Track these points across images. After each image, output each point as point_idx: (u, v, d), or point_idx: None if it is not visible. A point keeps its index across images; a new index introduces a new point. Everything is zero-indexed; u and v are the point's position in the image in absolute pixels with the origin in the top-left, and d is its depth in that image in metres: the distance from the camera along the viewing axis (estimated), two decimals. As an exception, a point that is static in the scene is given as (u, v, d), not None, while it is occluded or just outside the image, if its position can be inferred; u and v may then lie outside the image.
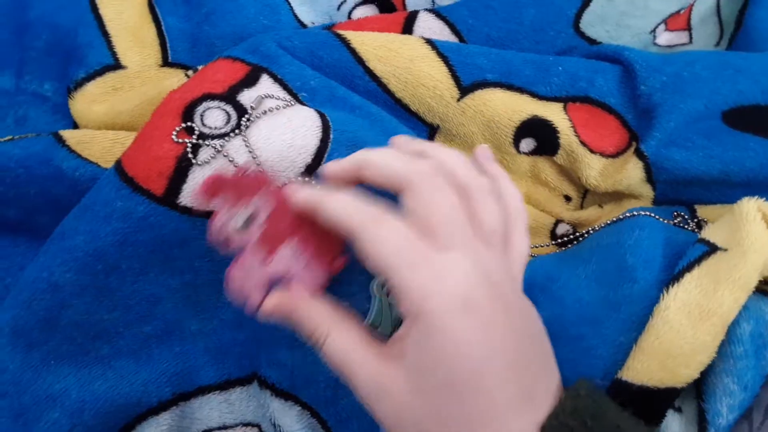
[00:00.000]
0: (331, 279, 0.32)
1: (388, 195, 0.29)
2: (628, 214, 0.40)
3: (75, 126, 0.46)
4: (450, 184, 0.28)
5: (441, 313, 0.25)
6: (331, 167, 0.31)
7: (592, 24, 0.46)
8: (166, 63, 0.48)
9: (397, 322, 0.33)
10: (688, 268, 0.32)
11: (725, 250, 0.33)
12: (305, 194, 0.29)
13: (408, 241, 0.26)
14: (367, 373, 0.26)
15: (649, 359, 0.30)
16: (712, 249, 0.33)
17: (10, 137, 0.41)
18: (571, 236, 0.43)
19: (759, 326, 0.31)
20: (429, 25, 0.46)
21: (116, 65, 0.47)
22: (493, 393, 0.25)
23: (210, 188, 0.32)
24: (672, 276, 0.32)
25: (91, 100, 0.45)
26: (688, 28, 0.48)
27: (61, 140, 0.40)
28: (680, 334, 0.30)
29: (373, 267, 0.26)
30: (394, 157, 0.29)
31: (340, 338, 0.27)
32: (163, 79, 0.45)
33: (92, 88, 0.46)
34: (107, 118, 0.44)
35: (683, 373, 0.30)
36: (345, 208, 0.27)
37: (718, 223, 0.36)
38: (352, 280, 0.34)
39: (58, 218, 0.37)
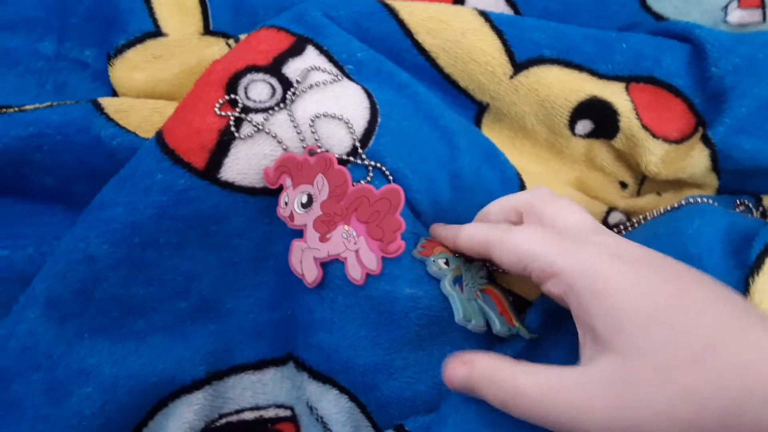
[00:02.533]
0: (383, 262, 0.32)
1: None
2: (684, 202, 0.37)
3: (114, 94, 0.45)
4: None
5: (597, 263, 0.25)
6: (440, 233, 0.33)
7: (658, -2, 0.43)
8: (207, 31, 0.46)
9: (484, 315, 0.31)
10: (766, 251, 0.30)
11: None
12: (445, 230, 0.33)
13: (545, 233, 0.28)
14: (578, 388, 0.24)
15: None
16: (786, 230, 0.31)
17: (49, 104, 0.40)
18: (622, 227, 0.40)
19: None
20: (483, -4, 0.43)
21: (157, 33, 0.45)
22: (706, 319, 0.23)
23: (279, 167, 0.33)
24: (749, 262, 0.29)
25: (131, 68, 0.44)
26: (762, 5, 0.45)
27: (99, 108, 0.39)
28: None
29: (512, 261, 0.28)
30: (478, 226, 0.31)
31: (528, 378, 0.25)
32: (204, 48, 0.43)
33: (132, 55, 0.44)
34: (147, 86, 0.43)
35: None
36: (479, 229, 0.31)
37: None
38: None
39: (95, 187, 0.36)
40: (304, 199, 0.33)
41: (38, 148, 0.39)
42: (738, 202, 0.39)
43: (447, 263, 0.32)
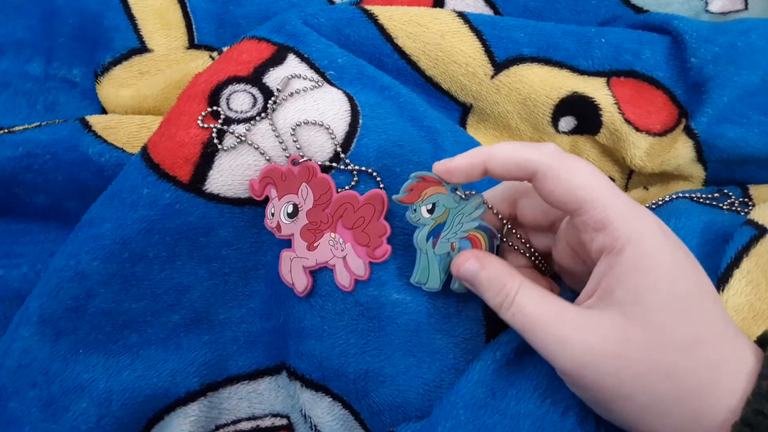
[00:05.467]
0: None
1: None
2: (667, 198, 0.37)
3: (104, 111, 0.46)
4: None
5: (648, 234, 0.25)
6: (454, 164, 0.29)
7: (637, -9, 0.43)
8: (192, 45, 0.47)
9: (446, 274, 0.31)
10: (737, 260, 0.30)
11: None
12: (464, 156, 0.29)
13: (605, 179, 0.26)
14: (582, 332, 0.25)
15: None
16: (760, 232, 0.31)
17: (38, 124, 0.41)
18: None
19: None
20: (462, -3, 0.44)
21: (142, 48, 0.46)
22: (716, 312, 0.24)
23: (263, 178, 0.33)
24: (718, 273, 0.29)
25: (118, 85, 0.45)
26: (744, -7, 0.45)
27: (87, 126, 0.40)
28: None
29: (564, 198, 0.26)
30: (519, 146, 0.28)
31: (530, 295, 0.26)
32: (189, 62, 0.44)
33: (119, 72, 0.45)
34: (134, 102, 0.43)
35: None
36: (521, 149, 0.27)
37: (768, 203, 0.33)
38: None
39: (86, 203, 0.36)
40: (290, 209, 0.34)
41: (29, 167, 0.39)
42: (717, 194, 0.39)
43: (432, 210, 0.31)
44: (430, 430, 0.30)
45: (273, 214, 0.34)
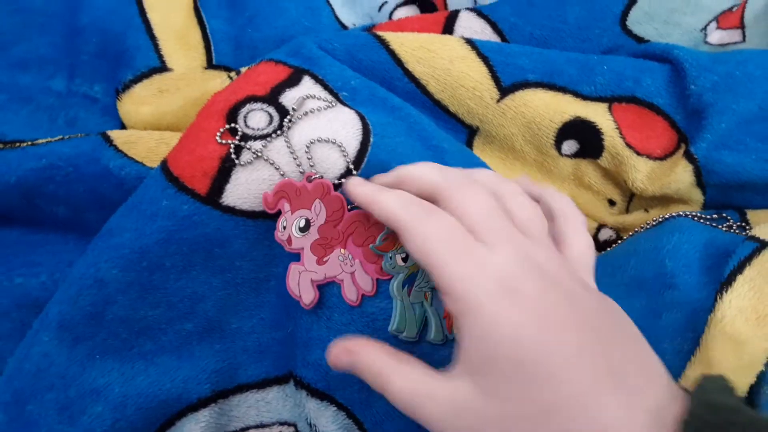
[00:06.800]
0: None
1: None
2: (667, 216, 0.39)
3: (123, 127, 0.48)
4: (481, 188, 0.29)
5: (484, 300, 0.24)
6: (374, 182, 0.31)
7: (639, 21, 0.45)
8: (210, 65, 0.49)
9: (422, 323, 0.33)
10: (740, 268, 0.31)
11: None
12: (363, 190, 0.30)
13: (452, 235, 0.26)
14: (438, 403, 0.25)
15: (710, 372, 0.29)
16: (762, 245, 0.32)
17: (60, 137, 0.43)
18: (614, 243, 0.42)
19: None
20: (470, 25, 0.46)
21: (162, 68, 0.48)
22: (569, 374, 0.24)
23: (277, 192, 0.35)
24: (722, 279, 0.30)
25: (138, 102, 0.46)
26: (742, 26, 0.47)
27: (108, 140, 0.41)
28: (740, 344, 0.28)
29: (418, 260, 0.26)
30: (430, 169, 0.29)
31: (402, 380, 0.27)
32: (207, 81, 0.45)
33: (139, 90, 0.47)
34: (153, 118, 0.45)
35: (744, 382, 0.29)
36: (395, 203, 0.28)
37: (769, 223, 0.35)
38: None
39: (105, 215, 0.38)
40: (302, 224, 0.35)
41: (51, 179, 0.41)
42: (716, 215, 0.40)
43: (406, 258, 0.33)
44: None
45: (284, 227, 0.35)
